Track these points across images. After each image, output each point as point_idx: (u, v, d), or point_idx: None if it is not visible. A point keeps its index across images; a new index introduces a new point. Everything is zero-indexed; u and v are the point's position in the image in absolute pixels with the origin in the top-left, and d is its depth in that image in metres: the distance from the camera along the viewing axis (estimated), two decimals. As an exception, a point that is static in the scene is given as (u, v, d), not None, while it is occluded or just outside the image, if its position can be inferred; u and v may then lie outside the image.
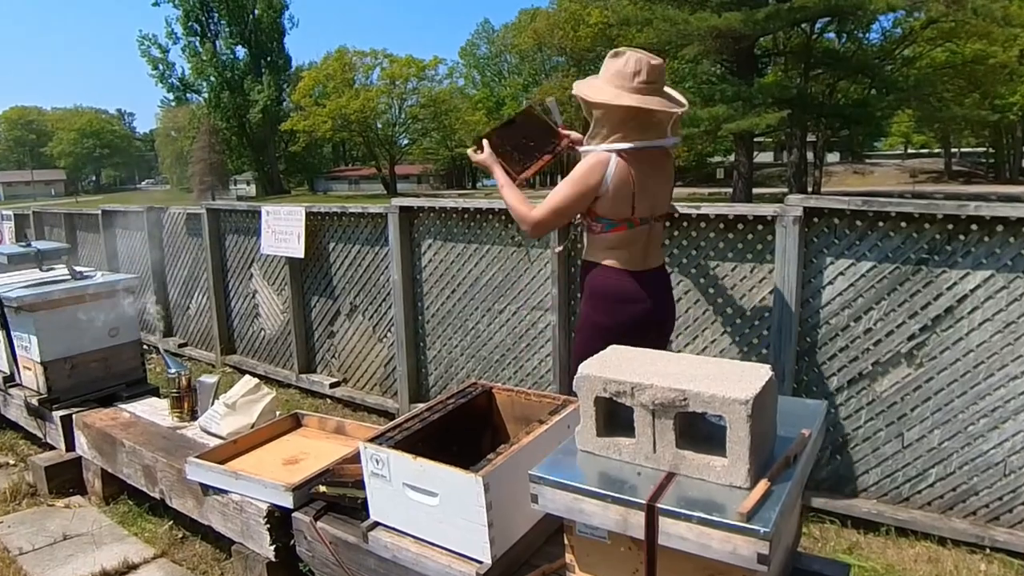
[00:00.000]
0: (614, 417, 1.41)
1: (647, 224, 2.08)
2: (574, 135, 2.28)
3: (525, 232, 2.15)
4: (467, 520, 1.55)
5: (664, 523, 1.21)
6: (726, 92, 20.10)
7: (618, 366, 1.41)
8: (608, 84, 1.98)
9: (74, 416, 2.95)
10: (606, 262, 2.07)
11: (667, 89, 2.04)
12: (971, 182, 34.87)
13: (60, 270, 3.42)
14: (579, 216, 2.14)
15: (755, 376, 1.30)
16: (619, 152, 1.97)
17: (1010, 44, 21.25)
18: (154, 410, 2.94)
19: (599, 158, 1.99)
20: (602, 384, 1.37)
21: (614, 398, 1.36)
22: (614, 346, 1.56)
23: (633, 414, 1.34)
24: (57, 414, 3.01)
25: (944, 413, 2.36)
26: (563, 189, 2.04)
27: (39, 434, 3.20)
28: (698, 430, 1.36)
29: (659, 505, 1.21)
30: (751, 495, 1.19)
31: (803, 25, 21.13)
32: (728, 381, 1.28)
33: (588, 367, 1.42)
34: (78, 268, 3.35)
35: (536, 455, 1.52)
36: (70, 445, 2.99)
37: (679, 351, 2.76)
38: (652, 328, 2.11)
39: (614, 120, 1.96)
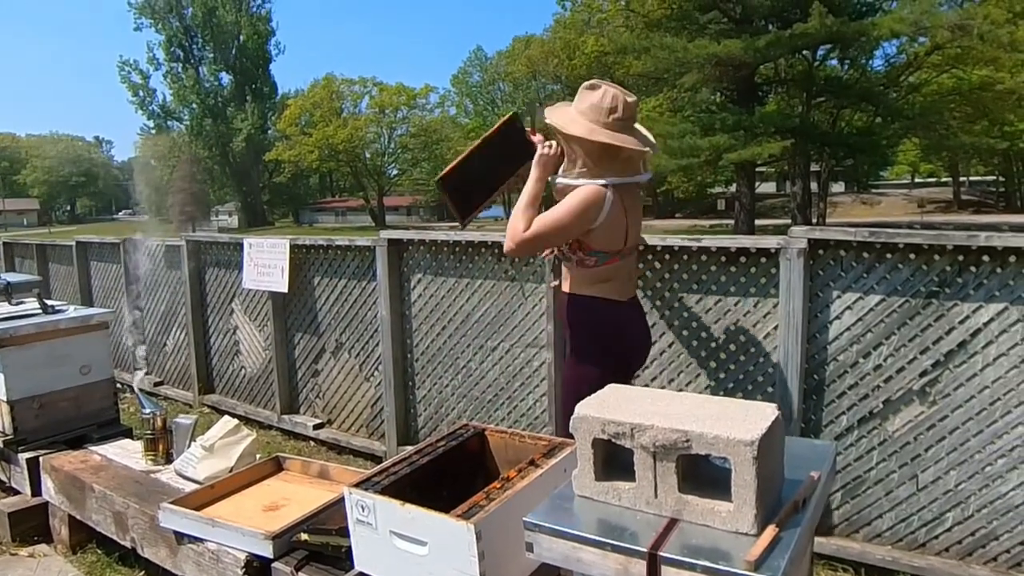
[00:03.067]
0: (613, 460, 1.36)
1: (633, 255, 2.21)
2: (547, 149, 2.10)
3: (507, 248, 2.02)
4: (458, 570, 1.48)
5: (667, 572, 1.17)
6: (726, 121, 19.69)
7: (617, 406, 1.37)
8: (582, 116, 1.97)
9: (41, 459, 2.82)
10: (597, 295, 2.12)
11: (638, 127, 2.07)
12: (981, 211, 34.00)
13: (30, 304, 3.30)
14: (560, 249, 2.11)
15: (760, 416, 1.27)
16: (612, 186, 1.99)
17: (1018, 70, 19.78)
18: (127, 453, 2.83)
19: (597, 192, 1.97)
20: (600, 425, 1.33)
21: (613, 440, 1.31)
22: (613, 385, 1.52)
23: (633, 457, 1.30)
24: (23, 456, 2.87)
25: (960, 453, 2.28)
26: (560, 216, 1.96)
27: (3, 478, 3.05)
28: (702, 473, 1.31)
29: (661, 553, 1.17)
30: (758, 542, 1.16)
31: (805, 52, 20.65)
32: (732, 421, 1.25)
33: (585, 407, 1.37)
34: (49, 302, 3.25)
35: (531, 501, 1.47)
36: (36, 490, 2.85)
37: (680, 390, 2.70)
38: (640, 354, 2.25)
39: (592, 153, 1.97)
